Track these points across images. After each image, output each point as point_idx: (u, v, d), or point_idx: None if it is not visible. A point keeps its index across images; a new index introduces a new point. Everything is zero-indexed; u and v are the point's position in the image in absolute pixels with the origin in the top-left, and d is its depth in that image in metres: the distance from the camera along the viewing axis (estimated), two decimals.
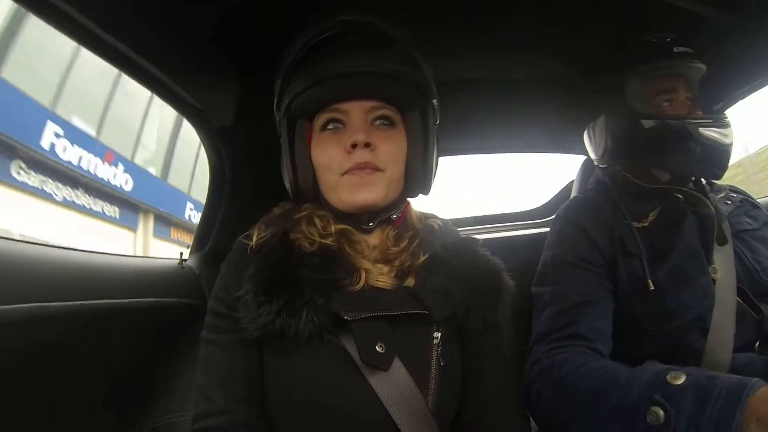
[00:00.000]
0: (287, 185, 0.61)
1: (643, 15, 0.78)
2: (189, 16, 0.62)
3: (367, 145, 0.54)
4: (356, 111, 0.56)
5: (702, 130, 0.70)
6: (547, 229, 0.86)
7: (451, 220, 0.69)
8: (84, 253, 0.71)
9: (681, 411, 0.44)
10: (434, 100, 0.61)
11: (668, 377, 0.47)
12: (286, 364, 0.51)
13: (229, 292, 0.54)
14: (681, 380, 0.46)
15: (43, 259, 0.61)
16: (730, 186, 0.85)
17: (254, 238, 0.57)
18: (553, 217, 0.84)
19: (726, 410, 0.41)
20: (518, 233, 1.19)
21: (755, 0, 0.75)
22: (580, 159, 1.11)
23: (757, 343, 0.66)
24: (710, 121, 0.71)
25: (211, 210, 0.91)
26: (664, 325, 0.67)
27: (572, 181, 1.17)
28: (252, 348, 0.53)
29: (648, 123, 0.72)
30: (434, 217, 0.67)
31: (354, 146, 0.54)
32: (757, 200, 0.84)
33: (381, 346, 0.50)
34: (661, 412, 0.45)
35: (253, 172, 0.89)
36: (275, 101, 0.61)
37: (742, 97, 0.96)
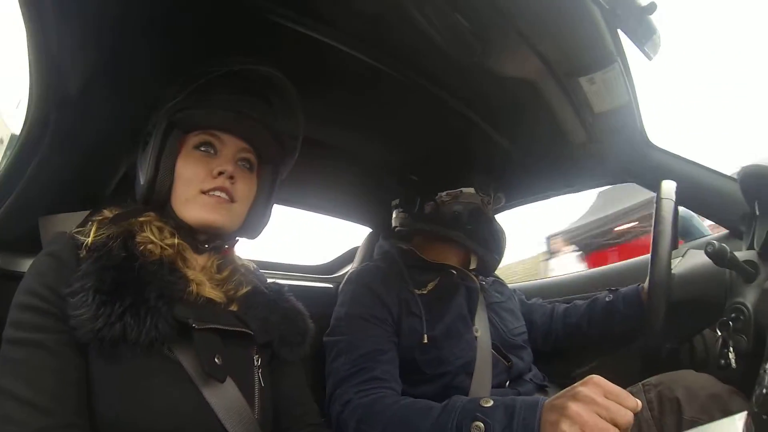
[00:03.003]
0: (140, 184, 0.60)
1: (448, 129, 1.01)
2: None
3: (230, 177, 0.60)
4: (231, 144, 0.63)
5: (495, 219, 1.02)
6: (330, 285, 1.12)
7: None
8: None
9: (496, 421, 0.56)
10: (291, 156, 0.71)
11: (481, 402, 0.60)
12: (117, 374, 0.48)
13: (52, 289, 0.49)
14: (490, 403, 0.59)
15: None
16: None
17: (91, 237, 0.54)
18: (345, 280, 0.98)
19: (528, 417, 0.54)
20: (306, 284, 1.24)
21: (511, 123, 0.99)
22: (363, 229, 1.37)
23: (508, 382, 0.91)
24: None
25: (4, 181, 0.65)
26: (438, 369, 0.86)
27: (356, 248, 1.40)
28: (78, 353, 0.48)
29: (457, 204, 0.97)
30: (249, 260, 0.74)
31: (220, 173, 0.60)
32: (505, 282, 1.19)
33: (219, 358, 0.53)
34: (482, 425, 0.57)
35: (75, 158, 0.69)
36: (160, 103, 0.61)
37: (512, 207, 1.34)
